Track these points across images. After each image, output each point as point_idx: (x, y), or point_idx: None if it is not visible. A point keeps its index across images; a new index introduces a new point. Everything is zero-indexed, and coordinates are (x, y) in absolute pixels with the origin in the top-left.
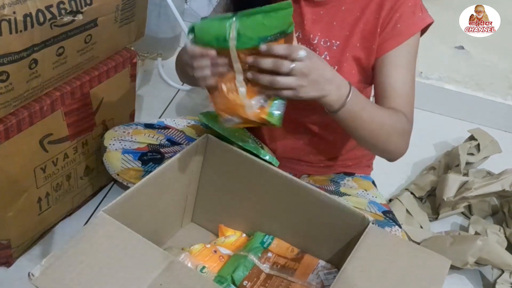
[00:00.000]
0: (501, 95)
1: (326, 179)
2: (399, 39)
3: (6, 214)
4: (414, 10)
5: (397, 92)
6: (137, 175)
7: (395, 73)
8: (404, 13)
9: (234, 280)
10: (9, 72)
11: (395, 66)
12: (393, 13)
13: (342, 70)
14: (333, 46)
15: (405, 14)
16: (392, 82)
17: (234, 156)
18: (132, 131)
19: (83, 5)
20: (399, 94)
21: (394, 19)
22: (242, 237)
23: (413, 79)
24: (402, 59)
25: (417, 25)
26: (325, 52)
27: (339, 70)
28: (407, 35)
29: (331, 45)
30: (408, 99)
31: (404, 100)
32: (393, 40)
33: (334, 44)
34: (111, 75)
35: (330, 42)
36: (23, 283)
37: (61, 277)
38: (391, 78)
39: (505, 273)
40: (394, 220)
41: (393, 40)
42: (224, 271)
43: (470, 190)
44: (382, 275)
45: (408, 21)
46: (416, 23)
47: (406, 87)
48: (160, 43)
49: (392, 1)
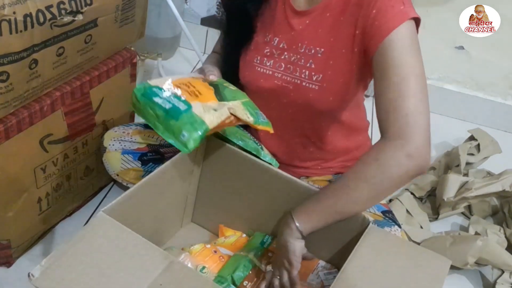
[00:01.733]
0: (501, 95)
1: (325, 180)
2: (378, 38)
3: (6, 214)
4: (393, 4)
5: (385, 103)
6: (137, 175)
7: (384, 78)
8: (382, 9)
9: (234, 280)
10: (9, 72)
11: (381, 68)
12: (370, 11)
13: (327, 78)
14: (317, 54)
15: (382, 10)
16: (381, 89)
17: (234, 156)
18: (132, 131)
19: (83, 5)
20: (387, 105)
21: (371, 17)
22: (242, 237)
23: (404, 78)
24: (387, 58)
25: (396, 18)
26: (310, 60)
27: (324, 77)
28: (386, 32)
29: (315, 53)
30: (394, 109)
31: (387, 108)
32: (374, 39)
33: (318, 51)
34: (111, 75)
35: (314, 49)
36: (23, 283)
37: (61, 278)
38: (379, 85)
39: (505, 273)
40: (393, 220)
41: (374, 40)
42: (224, 271)
43: (470, 190)
44: (382, 275)
45: (386, 16)
46: (395, 17)
47: (395, 91)
48: (160, 43)
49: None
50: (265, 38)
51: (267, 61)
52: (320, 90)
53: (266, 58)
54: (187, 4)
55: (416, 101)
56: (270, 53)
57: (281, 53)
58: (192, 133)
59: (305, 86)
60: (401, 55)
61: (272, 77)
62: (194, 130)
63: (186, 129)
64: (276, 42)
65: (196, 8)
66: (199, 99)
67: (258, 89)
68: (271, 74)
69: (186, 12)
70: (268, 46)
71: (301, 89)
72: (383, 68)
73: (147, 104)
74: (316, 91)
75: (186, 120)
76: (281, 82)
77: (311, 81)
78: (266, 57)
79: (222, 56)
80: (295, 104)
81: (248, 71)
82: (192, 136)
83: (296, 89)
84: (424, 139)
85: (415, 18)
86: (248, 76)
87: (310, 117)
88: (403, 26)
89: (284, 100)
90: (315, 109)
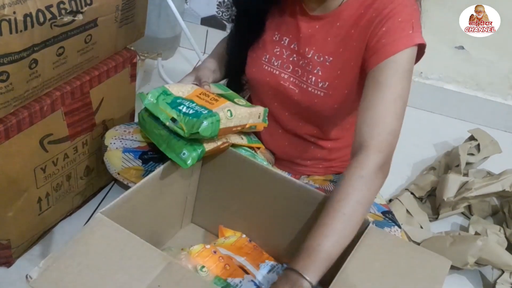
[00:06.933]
0: (501, 95)
1: (325, 179)
2: (381, 55)
3: (6, 214)
4: (403, 27)
5: (373, 116)
6: (138, 174)
7: (377, 93)
8: (391, 29)
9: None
10: (9, 72)
11: (376, 84)
12: (380, 28)
13: (334, 86)
14: (326, 62)
15: (392, 30)
16: (371, 103)
17: (234, 157)
18: (133, 130)
19: (83, 5)
20: (375, 118)
21: (379, 34)
22: (242, 237)
23: (395, 99)
24: (385, 77)
25: (402, 42)
26: (318, 67)
27: (330, 85)
28: (390, 52)
29: (324, 61)
30: (379, 124)
31: (375, 125)
32: (376, 56)
33: (327, 60)
34: (111, 75)
35: (323, 57)
36: (23, 283)
37: (59, 279)
38: (371, 98)
39: (505, 273)
40: (393, 220)
41: (376, 56)
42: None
43: (470, 190)
44: (382, 275)
45: (394, 37)
46: (402, 40)
47: (386, 109)
48: (160, 43)
49: (381, 15)
50: (274, 37)
51: (275, 61)
52: (325, 97)
53: (274, 57)
54: (187, 4)
55: (400, 123)
56: (280, 53)
57: (290, 54)
58: (191, 153)
59: (310, 92)
60: (397, 77)
61: (279, 77)
62: (194, 150)
63: (186, 149)
64: (287, 42)
65: (196, 8)
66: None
67: (263, 86)
68: (278, 74)
69: (186, 12)
70: (278, 46)
71: (307, 93)
72: (379, 84)
73: (152, 124)
74: (321, 97)
75: (186, 140)
76: (288, 84)
77: (317, 87)
78: (275, 57)
79: (229, 51)
80: (298, 105)
81: (255, 67)
82: (191, 155)
83: (301, 92)
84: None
85: (419, 44)
86: (255, 73)
87: (312, 118)
88: (406, 51)
89: (288, 101)
90: (319, 114)
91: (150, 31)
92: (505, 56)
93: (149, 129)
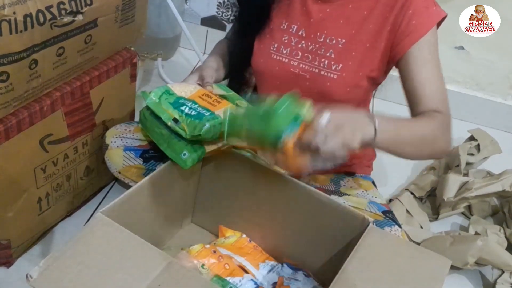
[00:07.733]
0: (501, 95)
1: (327, 178)
2: (416, 35)
3: (6, 214)
4: (427, 5)
5: (428, 89)
6: (139, 172)
7: (423, 70)
8: (417, 9)
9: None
10: (9, 72)
11: (420, 63)
12: (405, 11)
13: (347, 68)
14: (338, 44)
15: (418, 10)
16: (422, 79)
17: (234, 157)
18: (134, 128)
19: (83, 6)
20: (430, 91)
21: (407, 16)
22: (242, 237)
23: (440, 73)
24: (425, 55)
25: (432, 19)
26: (330, 50)
27: (344, 67)
28: (424, 30)
29: (336, 43)
30: (441, 94)
31: (437, 96)
32: (411, 37)
33: (339, 42)
34: (111, 75)
35: (336, 40)
36: (23, 283)
37: (59, 279)
38: (419, 75)
39: (505, 273)
40: (394, 219)
41: (410, 37)
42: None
43: (470, 190)
44: (382, 275)
45: (423, 16)
46: (431, 17)
47: (436, 82)
48: (160, 43)
49: (402, 0)
50: (282, 26)
51: (284, 49)
52: (338, 79)
53: (283, 45)
54: (187, 4)
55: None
56: (288, 41)
57: (299, 41)
58: (192, 154)
59: (323, 75)
60: (435, 51)
61: (288, 65)
62: (194, 151)
63: (187, 150)
64: (295, 30)
65: (196, 8)
66: None
67: (271, 77)
68: (287, 62)
69: (186, 12)
70: (286, 34)
71: (319, 78)
72: (425, 60)
73: (153, 123)
74: (334, 80)
75: (187, 141)
76: (298, 70)
77: (330, 70)
78: (283, 45)
79: (233, 45)
80: (309, 93)
81: (263, 58)
82: (192, 156)
83: (313, 78)
84: None
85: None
86: (263, 64)
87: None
88: (434, 28)
89: (298, 88)
90: (330, 99)
91: (150, 31)
92: (505, 56)
93: (150, 128)
